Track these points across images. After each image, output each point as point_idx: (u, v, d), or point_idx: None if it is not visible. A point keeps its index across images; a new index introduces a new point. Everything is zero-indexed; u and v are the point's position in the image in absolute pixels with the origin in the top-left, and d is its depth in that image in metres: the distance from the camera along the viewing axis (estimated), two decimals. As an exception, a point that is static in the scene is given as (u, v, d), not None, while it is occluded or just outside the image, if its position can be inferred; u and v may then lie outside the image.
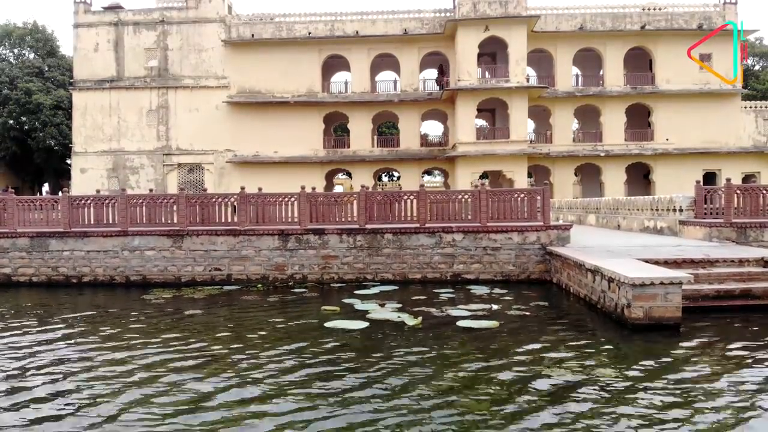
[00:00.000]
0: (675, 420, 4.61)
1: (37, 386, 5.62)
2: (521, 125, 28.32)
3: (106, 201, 12.51)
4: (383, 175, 45.93)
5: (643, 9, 30.89)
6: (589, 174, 31.41)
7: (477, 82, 28.29)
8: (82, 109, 31.21)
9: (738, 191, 12.20)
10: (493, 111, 31.12)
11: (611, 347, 6.90)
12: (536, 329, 8.01)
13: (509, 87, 27.78)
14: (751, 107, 31.82)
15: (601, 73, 31.11)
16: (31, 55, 50.29)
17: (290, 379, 5.73)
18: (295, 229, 11.99)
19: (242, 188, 12.36)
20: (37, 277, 12.29)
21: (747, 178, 30.73)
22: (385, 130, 40.90)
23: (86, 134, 31.12)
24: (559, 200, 25.01)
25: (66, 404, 5.14)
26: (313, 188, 16.52)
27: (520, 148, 27.92)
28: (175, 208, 11.80)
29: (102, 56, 31.03)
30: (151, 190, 23.25)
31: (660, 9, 30.87)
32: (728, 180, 12.70)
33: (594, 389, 5.36)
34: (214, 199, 12.25)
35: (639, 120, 31.35)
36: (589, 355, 6.51)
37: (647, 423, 4.54)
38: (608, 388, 5.39)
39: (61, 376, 5.98)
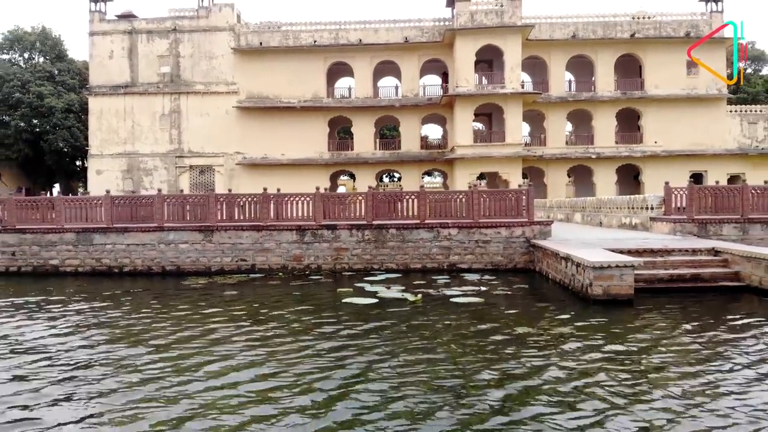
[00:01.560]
0: (609, 360, 6.42)
1: (121, 349, 7.45)
2: (516, 129, 30.17)
3: (143, 200, 14.33)
4: (384, 176, 47.75)
5: (633, 18, 32.73)
6: (581, 175, 33.26)
7: (474, 88, 30.13)
8: (98, 114, 33.06)
9: (699, 191, 14.02)
10: (489, 115, 32.97)
11: (572, 315, 8.71)
12: (514, 303, 9.84)
13: (505, 93, 29.62)
14: (736, 111, 33.64)
15: (592, 78, 32.91)
16: (40, 59, 51.98)
17: (323, 332, 7.56)
18: (311, 224, 13.82)
19: (264, 189, 14.20)
20: (82, 267, 14.10)
21: (733, 178, 32.48)
22: (387, 132, 42.71)
23: (102, 137, 32.97)
24: (551, 200, 26.82)
25: (147, 353, 6.95)
26: (325, 189, 18.35)
27: (515, 151, 29.76)
28: (206, 206, 13.62)
29: (117, 63, 32.88)
30: (159, 191, 25.00)
31: (649, 18, 32.73)
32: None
33: (547, 338, 7.20)
34: (239, 199, 14.08)
35: (629, 123, 33.20)
36: (552, 319, 8.35)
37: (585, 357, 6.36)
38: (560, 338, 7.21)
39: (138, 339, 7.80)
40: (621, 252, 11.01)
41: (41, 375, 6.01)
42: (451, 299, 9.98)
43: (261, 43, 32.12)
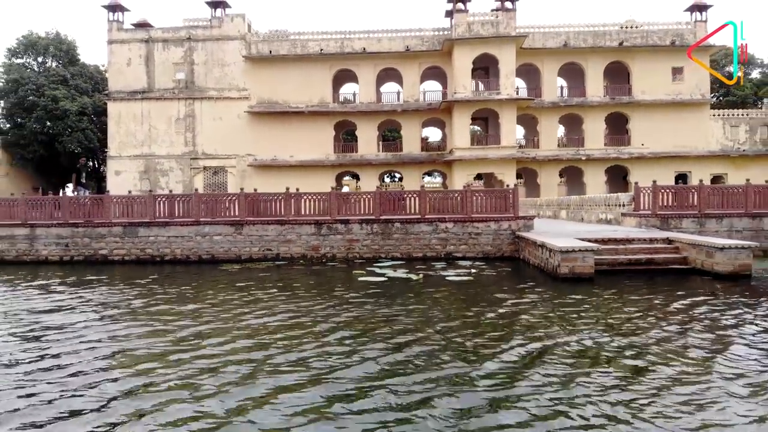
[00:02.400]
0: (566, 320, 8.81)
1: (173, 321, 9.84)
2: (511, 132, 32.56)
3: (179, 198, 16.72)
4: (386, 176, 50.15)
5: (621, 27, 35.12)
6: (573, 176, 35.66)
7: (471, 94, 32.54)
8: (116, 118, 35.45)
9: (662, 190, 16.41)
10: (486, 119, 35.36)
11: (542, 288, 11.08)
12: (497, 281, 12.23)
13: (500, 99, 32.03)
14: (719, 115, 36.05)
15: (583, 85, 35.29)
16: (53, 64, 54.18)
17: (346, 298, 9.94)
18: (327, 219, 16.21)
19: (287, 189, 16.57)
20: (128, 256, 16.48)
21: (716, 178, 34.89)
22: (389, 135, 45.10)
23: (120, 140, 35.35)
24: (542, 199, 29.22)
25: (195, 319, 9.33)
26: (332, 188, 20.72)
27: (509, 153, 32.17)
28: (236, 203, 16.01)
29: (134, 70, 35.27)
30: (170, 191, 27.40)
31: (636, 27, 35.11)
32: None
33: (522, 302, 9.58)
34: (265, 197, 16.47)
35: (617, 127, 35.61)
36: (524, 290, 10.73)
37: (550, 316, 8.75)
38: (531, 302, 9.60)
39: (196, 299, 10.19)
40: (589, 241, 13.37)
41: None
42: (446, 278, 12.36)
43: (270, 52, 34.51)
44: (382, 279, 12.35)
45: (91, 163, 57.93)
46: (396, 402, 4.98)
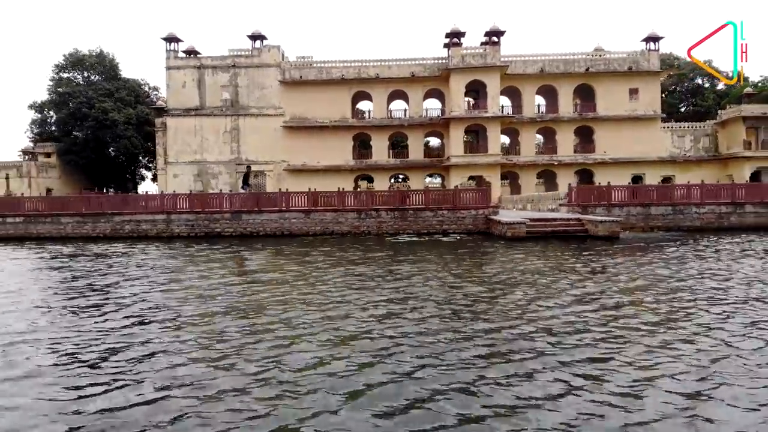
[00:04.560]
0: (508, 255, 18.62)
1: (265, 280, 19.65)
2: (496, 143, 42.41)
3: (269, 195, 26.47)
4: (392, 178, 59.94)
5: (588, 55, 44.99)
6: (548, 177, 45.51)
7: (464, 113, 42.38)
8: (174, 130, 45.19)
9: (583, 188, 26.20)
10: (477, 131, 45.22)
11: (498, 244, 20.85)
12: (472, 242, 21.99)
13: (487, 116, 41.86)
14: (668, 127, 45.94)
15: (557, 103, 45.12)
16: (95, 78, 63.74)
17: (387, 248, 19.72)
18: (364, 208, 25.96)
19: (338, 188, 26.30)
20: (234, 233, 26.17)
21: (666, 179, 44.73)
22: (398, 143, 54.92)
23: (177, 149, 45.11)
24: (519, 196, 39.07)
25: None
26: (354, 188, 30.45)
27: (495, 159, 42.00)
28: (305, 198, 25.81)
29: (188, 91, 45.03)
30: (220, 190, 37.09)
31: (600, 56, 44.99)
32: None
33: (480, 252, 19.40)
34: (324, 194, 26.20)
35: (585, 137, 45.47)
36: (488, 245, 20.54)
37: (500, 253, 18.56)
38: (488, 251, 19.40)
39: (284, 255, 19.97)
40: (529, 219, 23.13)
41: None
42: (442, 240, 22.15)
43: (301, 77, 44.33)
44: (404, 240, 22.13)
45: (132, 167, 67.90)
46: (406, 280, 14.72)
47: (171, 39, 45.27)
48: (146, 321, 8.42)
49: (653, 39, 44.86)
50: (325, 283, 11.94)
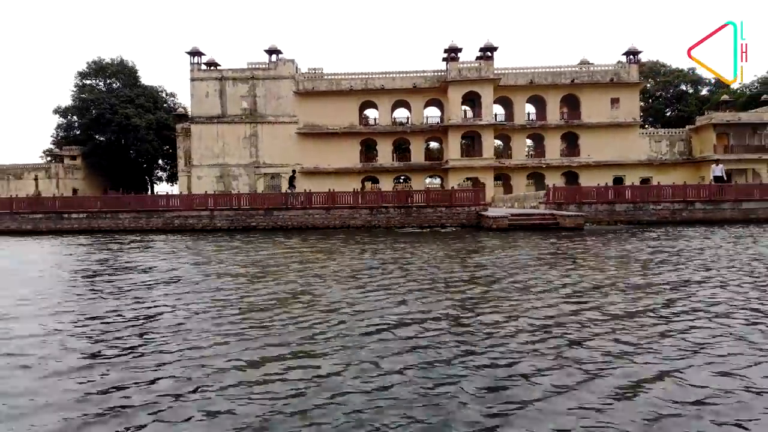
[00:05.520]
0: (493, 250, 24.25)
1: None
2: (490, 148, 48.05)
3: (296, 195, 32.10)
4: (395, 179, 65.55)
5: (573, 68, 50.65)
6: (538, 179, 51.14)
7: (461, 120, 48.02)
8: (198, 136, 50.77)
9: (558, 189, 31.83)
10: (472, 137, 50.87)
11: (487, 235, 26.44)
12: (466, 233, 27.59)
13: (482, 124, 47.49)
14: (646, 133, 51.61)
15: (545, 111, 50.75)
16: (117, 85, 69.04)
17: (395, 237, 25.33)
18: (375, 205, 31.55)
19: (354, 189, 31.89)
20: (266, 226, 31.73)
21: (644, 180, 50.34)
22: (401, 147, 60.56)
23: (201, 153, 50.69)
24: (509, 196, 44.70)
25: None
26: (360, 188, 36.07)
27: (489, 163, 47.65)
28: (326, 197, 31.44)
29: (210, 100, 50.61)
30: (241, 192, 42.56)
31: (584, 68, 50.66)
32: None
33: (479, 238, 25.02)
34: (341, 194, 31.78)
35: (571, 142, 51.13)
36: (478, 234, 26.15)
37: (489, 239, 24.19)
38: (476, 240, 25.03)
39: (309, 242, 25.59)
40: (511, 214, 28.72)
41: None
42: (441, 232, 27.76)
43: (313, 88, 49.94)
44: (409, 231, 27.76)
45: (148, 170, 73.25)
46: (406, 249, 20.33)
47: (194, 53, 50.83)
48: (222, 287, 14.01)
49: (633, 53, 50.48)
50: (349, 253, 17.55)
